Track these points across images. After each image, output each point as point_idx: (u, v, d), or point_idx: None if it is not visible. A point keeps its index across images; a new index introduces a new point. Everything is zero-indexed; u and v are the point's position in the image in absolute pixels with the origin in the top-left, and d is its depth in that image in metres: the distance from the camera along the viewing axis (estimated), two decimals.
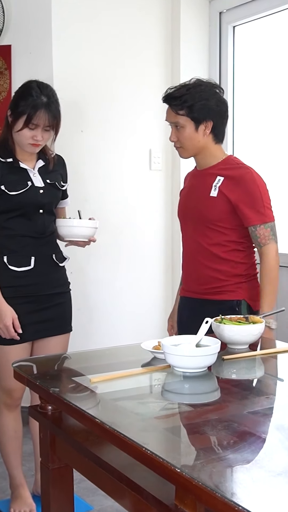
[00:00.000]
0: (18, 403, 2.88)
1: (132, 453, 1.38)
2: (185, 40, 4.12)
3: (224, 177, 2.66)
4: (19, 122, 2.67)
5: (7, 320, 2.68)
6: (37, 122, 2.66)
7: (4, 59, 3.80)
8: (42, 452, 1.98)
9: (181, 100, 2.63)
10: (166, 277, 4.27)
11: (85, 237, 2.87)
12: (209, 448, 1.38)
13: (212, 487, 1.16)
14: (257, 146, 4.01)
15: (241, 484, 1.20)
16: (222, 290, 2.68)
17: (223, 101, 2.70)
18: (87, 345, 3.67)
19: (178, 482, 1.24)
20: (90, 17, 3.84)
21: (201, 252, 2.72)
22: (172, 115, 2.68)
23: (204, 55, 4.19)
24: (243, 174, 2.65)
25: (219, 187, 2.65)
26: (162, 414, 1.66)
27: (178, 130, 2.68)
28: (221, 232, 2.67)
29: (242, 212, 2.62)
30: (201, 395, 1.79)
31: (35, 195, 2.74)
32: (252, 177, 2.64)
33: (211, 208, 2.67)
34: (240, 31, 4.10)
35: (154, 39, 4.12)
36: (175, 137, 2.70)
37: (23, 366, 2.05)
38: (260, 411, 1.62)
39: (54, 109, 2.70)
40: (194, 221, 2.74)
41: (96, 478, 1.72)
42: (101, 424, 1.50)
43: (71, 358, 2.29)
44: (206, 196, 2.69)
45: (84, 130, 3.87)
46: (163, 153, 4.19)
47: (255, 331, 2.13)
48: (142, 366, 1.98)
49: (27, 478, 3.05)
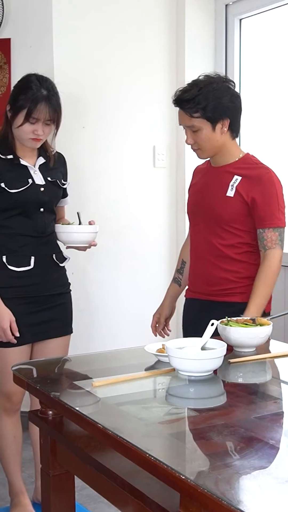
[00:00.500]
0: (18, 408, 2.88)
1: (136, 460, 1.38)
2: (190, 33, 4.12)
3: (242, 177, 2.62)
4: (19, 116, 2.68)
5: (4, 323, 2.68)
6: (37, 116, 2.66)
7: (3, 53, 3.81)
8: (42, 458, 1.98)
9: (194, 102, 2.57)
10: (169, 278, 4.23)
11: (85, 243, 2.87)
12: (215, 454, 1.38)
13: (218, 494, 1.15)
14: (264, 140, 4.00)
15: (248, 491, 1.20)
16: (232, 292, 2.66)
17: (237, 95, 2.65)
18: (89, 348, 3.68)
19: (183, 489, 1.24)
20: (92, 9, 3.84)
21: (212, 252, 2.69)
22: (186, 119, 2.62)
23: (210, 49, 4.19)
24: (262, 174, 2.61)
25: (236, 187, 2.61)
26: (167, 419, 1.66)
27: (195, 132, 2.62)
28: (235, 234, 2.64)
29: (257, 212, 2.59)
30: (206, 400, 1.79)
31: (36, 193, 2.75)
32: (270, 178, 2.61)
33: (227, 209, 2.63)
34: (246, 24, 4.09)
35: (158, 32, 4.11)
36: (192, 140, 2.64)
37: (23, 369, 2.06)
38: (268, 416, 1.62)
39: (54, 102, 2.70)
40: (207, 220, 2.70)
41: (98, 485, 1.72)
42: (103, 429, 1.50)
43: (72, 361, 2.29)
44: (222, 195, 2.65)
45: (86, 126, 3.87)
46: (168, 149, 4.19)
47: (262, 334, 2.13)
48: (145, 369, 1.98)
49: (27, 485, 3.05)
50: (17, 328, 2.71)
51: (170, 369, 1.91)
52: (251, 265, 2.65)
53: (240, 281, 2.65)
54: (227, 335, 2.13)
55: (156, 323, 3.01)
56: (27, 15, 3.78)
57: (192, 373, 1.84)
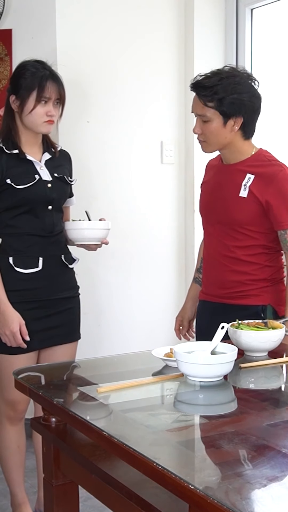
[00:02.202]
0: (22, 416, 2.88)
1: (143, 469, 1.38)
2: (200, 23, 4.11)
3: (254, 175, 2.61)
4: (30, 100, 2.68)
5: (14, 326, 2.66)
6: (49, 94, 2.68)
7: (4, 44, 3.81)
8: (45, 468, 1.98)
9: (212, 90, 2.55)
10: (179, 279, 4.27)
11: (97, 240, 2.86)
12: (226, 463, 1.38)
13: (229, 505, 1.15)
14: (277, 133, 3.99)
15: (260, 502, 1.20)
16: (247, 295, 2.66)
17: (258, 95, 2.64)
18: (94, 352, 3.68)
19: (192, 500, 1.24)
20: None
21: (226, 255, 2.69)
22: (199, 106, 2.61)
23: (220, 39, 4.19)
24: (276, 172, 2.60)
25: (250, 187, 2.61)
26: (175, 426, 1.66)
27: (205, 123, 2.61)
28: (250, 236, 2.64)
29: (273, 214, 2.59)
30: (216, 406, 1.79)
31: (43, 189, 2.73)
32: (285, 175, 2.60)
33: (241, 210, 2.63)
34: (258, 14, 4.09)
35: (166, 23, 4.11)
36: (200, 130, 2.63)
37: (25, 375, 2.06)
38: (280, 423, 1.61)
39: (58, 80, 2.73)
40: (221, 222, 2.70)
41: (104, 495, 1.72)
42: (109, 437, 1.50)
43: (76, 366, 2.30)
44: (234, 196, 2.64)
45: (91, 121, 3.88)
46: (176, 145, 4.19)
47: (275, 338, 2.12)
48: (153, 375, 1.98)
49: (30, 495, 3.05)
50: (27, 331, 2.69)
51: (179, 375, 1.91)
52: (266, 267, 2.66)
53: (253, 283, 2.65)
54: (237, 339, 2.13)
55: (180, 326, 3.01)
56: (29, 5, 3.79)
57: (201, 378, 1.84)
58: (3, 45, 3.82)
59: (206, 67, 2.71)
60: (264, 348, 2.13)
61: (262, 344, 2.12)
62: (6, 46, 3.82)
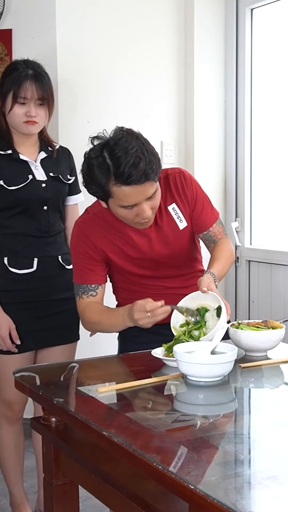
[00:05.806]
0: (20, 416, 2.87)
1: (142, 469, 1.38)
2: (200, 22, 4.11)
3: (173, 201, 2.42)
4: (8, 100, 2.67)
5: (3, 331, 2.66)
6: (24, 95, 2.64)
7: (4, 44, 3.81)
8: (45, 467, 1.98)
9: (156, 169, 2.22)
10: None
11: None
12: (225, 463, 1.38)
13: (229, 505, 1.16)
14: (276, 134, 4.00)
15: (260, 502, 1.20)
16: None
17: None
18: (94, 352, 3.66)
19: (192, 499, 1.24)
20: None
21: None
22: (149, 190, 2.20)
23: (220, 40, 4.19)
24: (171, 179, 2.45)
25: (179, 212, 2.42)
26: (175, 426, 1.66)
27: (152, 199, 2.23)
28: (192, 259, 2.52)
29: (196, 217, 2.45)
30: (216, 406, 1.79)
31: (36, 189, 2.72)
32: (181, 177, 2.46)
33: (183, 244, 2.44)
34: (258, 14, 4.09)
35: (166, 23, 4.11)
36: (151, 210, 2.24)
37: (25, 375, 2.06)
38: (280, 423, 1.62)
39: (42, 80, 2.67)
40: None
41: (104, 495, 1.72)
42: (108, 437, 1.50)
43: (76, 366, 2.30)
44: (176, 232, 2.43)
45: (91, 121, 3.87)
46: (176, 144, 4.19)
47: (275, 337, 2.13)
48: (152, 375, 1.98)
49: (29, 495, 3.05)
50: (17, 335, 2.69)
51: (179, 374, 1.91)
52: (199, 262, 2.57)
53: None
54: (237, 338, 2.13)
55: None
56: (29, 5, 3.78)
57: (201, 378, 1.84)
58: (3, 45, 3.82)
59: (206, 67, 2.71)
60: (264, 348, 2.14)
61: (262, 344, 2.12)
62: (6, 46, 3.82)
